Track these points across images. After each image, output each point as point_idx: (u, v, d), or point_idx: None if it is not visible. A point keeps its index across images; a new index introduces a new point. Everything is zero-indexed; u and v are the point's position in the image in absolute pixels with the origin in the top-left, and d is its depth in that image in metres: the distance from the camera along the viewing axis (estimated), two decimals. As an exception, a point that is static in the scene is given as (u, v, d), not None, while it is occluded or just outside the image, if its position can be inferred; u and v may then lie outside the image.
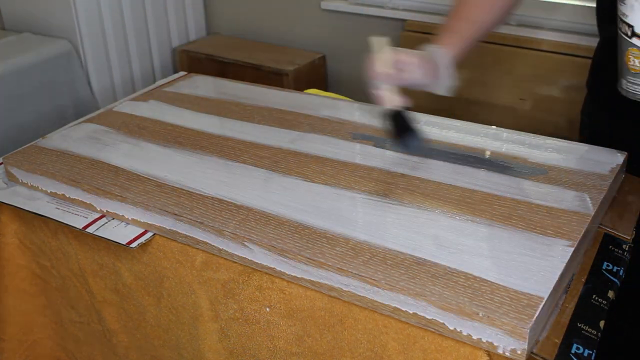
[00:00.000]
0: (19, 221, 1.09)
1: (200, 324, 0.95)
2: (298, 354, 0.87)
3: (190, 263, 0.93)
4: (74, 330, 1.14)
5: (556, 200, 0.88)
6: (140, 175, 1.01)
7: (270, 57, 2.71)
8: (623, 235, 0.90)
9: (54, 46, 2.39)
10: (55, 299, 1.13)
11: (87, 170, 1.04)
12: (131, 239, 0.95)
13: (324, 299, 0.82)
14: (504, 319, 0.69)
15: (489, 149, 1.02)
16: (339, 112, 1.18)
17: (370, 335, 0.80)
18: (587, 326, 0.76)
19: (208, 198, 0.94)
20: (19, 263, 1.11)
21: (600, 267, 0.85)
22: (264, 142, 1.09)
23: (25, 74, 2.28)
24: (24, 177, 1.08)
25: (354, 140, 1.07)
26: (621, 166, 0.97)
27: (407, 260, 0.78)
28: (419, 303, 0.74)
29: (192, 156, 1.06)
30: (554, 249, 0.79)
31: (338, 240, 0.83)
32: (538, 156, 0.99)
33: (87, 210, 1.02)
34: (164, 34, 2.82)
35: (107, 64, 2.59)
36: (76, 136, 1.16)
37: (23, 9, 2.55)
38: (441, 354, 0.75)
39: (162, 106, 1.26)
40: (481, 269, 0.76)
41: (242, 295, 0.89)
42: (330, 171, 0.99)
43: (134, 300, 1.01)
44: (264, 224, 0.87)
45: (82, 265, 1.05)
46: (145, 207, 0.95)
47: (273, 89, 1.31)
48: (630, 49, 0.75)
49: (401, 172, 0.97)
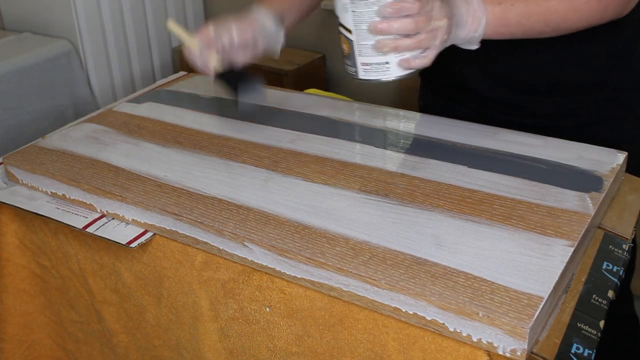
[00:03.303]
0: (19, 221, 1.09)
1: (200, 323, 0.95)
2: (298, 353, 0.87)
3: (190, 263, 0.93)
4: (73, 330, 1.14)
5: (556, 200, 0.88)
6: (140, 175, 1.01)
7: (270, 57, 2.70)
8: (623, 235, 0.90)
9: (54, 46, 2.39)
10: (55, 299, 1.13)
11: (87, 170, 1.04)
12: (131, 239, 0.95)
13: (324, 299, 0.82)
14: (503, 318, 0.69)
15: (489, 149, 1.02)
16: (339, 112, 1.18)
17: (370, 335, 0.80)
18: (587, 326, 0.76)
19: (208, 198, 0.94)
20: (19, 263, 1.11)
21: (600, 267, 0.85)
22: (264, 142, 1.09)
23: (25, 74, 2.27)
24: (24, 177, 1.08)
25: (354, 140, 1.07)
26: (621, 166, 0.97)
27: (407, 260, 0.78)
28: (419, 303, 0.74)
29: (192, 156, 1.06)
30: (554, 248, 0.79)
31: (338, 240, 0.83)
32: (538, 155, 0.99)
33: (87, 210, 1.02)
34: (164, 34, 2.82)
35: (107, 64, 2.59)
36: (76, 136, 1.16)
37: (23, 9, 2.54)
38: (441, 354, 0.75)
39: (162, 106, 1.26)
40: (481, 269, 0.76)
41: (242, 295, 0.89)
42: (330, 171, 0.99)
43: (134, 300, 1.01)
44: (264, 224, 0.87)
45: (82, 265, 1.05)
46: (145, 207, 0.95)
47: (273, 89, 1.31)
48: (339, 35, 0.91)
49: (401, 172, 0.97)
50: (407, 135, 1.08)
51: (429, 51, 0.89)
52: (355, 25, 0.88)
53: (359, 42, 0.89)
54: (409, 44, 0.87)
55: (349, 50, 0.91)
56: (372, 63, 0.90)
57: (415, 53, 0.89)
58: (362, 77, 0.92)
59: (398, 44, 0.87)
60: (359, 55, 0.90)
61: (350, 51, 0.91)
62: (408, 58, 0.89)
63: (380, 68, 0.90)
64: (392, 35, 0.87)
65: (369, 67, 0.91)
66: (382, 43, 0.87)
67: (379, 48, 0.88)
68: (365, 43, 0.89)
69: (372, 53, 0.89)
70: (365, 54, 0.90)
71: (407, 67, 0.89)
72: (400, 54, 0.88)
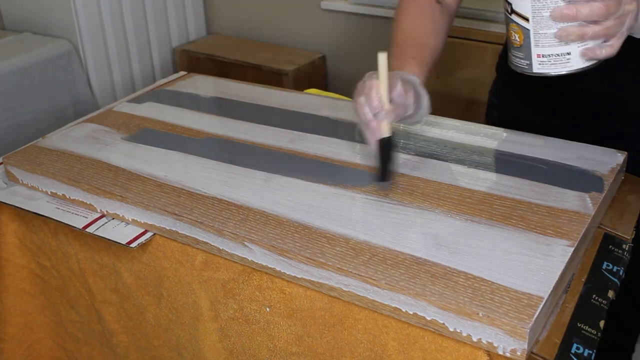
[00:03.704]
0: (19, 221, 1.09)
1: (200, 323, 0.95)
2: (298, 353, 0.87)
3: (190, 263, 0.93)
4: (73, 330, 1.14)
5: (556, 200, 0.88)
6: (140, 175, 1.01)
7: (270, 57, 2.71)
8: (623, 235, 0.90)
9: (54, 46, 2.40)
10: (55, 299, 1.13)
11: (87, 170, 1.04)
12: (131, 239, 0.95)
13: (324, 299, 0.82)
14: (503, 318, 0.69)
15: (489, 148, 1.02)
16: (339, 112, 1.18)
17: (370, 335, 0.80)
18: (587, 326, 0.76)
19: (208, 198, 0.94)
20: (19, 263, 1.11)
21: (600, 267, 0.85)
22: (264, 142, 1.09)
23: (25, 74, 2.28)
24: (24, 177, 1.08)
25: (354, 140, 1.07)
26: (621, 166, 0.97)
27: (407, 260, 0.78)
28: (419, 303, 0.74)
29: (192, 156, 1.06)
30: (554, 248, 0.79)
31: (338, 240, 0.83)
32: (538, 155, 0.99)
33: (87, 210, 1.02)
34: (164, 34, 2.82)
35: (107, 64, 2.59)
36: (76, 136, 1.16)
37: (23, 9, 2.55)
38: (441, 354, 0.75)
39: (162, 106, 1.26)
40: (481, 269, 0.76)
41: (242, 295, 0.89)
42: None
43: (134, 300, 1.01)
44: (264, 223, 0.87)
45: (82, 265, 1.05)
46: (145, 207, 0.95)
47: (273, 89, 1.31)
48: (510, 24, 0.84)
49: (401, 172, 0.97)
50: (407, 135, 1.08)
51: (614, 40, 0.80)
52: (534, 12, 0.80)
53: (537, 30, 0.81)
54: (596, 32, 0.78)
55: (522, 40, 0.83)
56: (551, 54, 0.82)
57: (599, 41, 0.80)
58: (536, 70, 0.83)
59: (585, 32, 0.78)
60: (536, 46, 0.82)
61: (525, 42, 0.82)
62: (593, 47, 0.80)
63: (560, 60, 0.82)
64: (577, 22, 0.78)
65: (546, 59, 0.82)
66: (567, 31, 0.78)
67: (563, 37, 0.79)
68: (545, 32, 0.80)
69: (553, 43, 0.80)
70: (543, 44, 0.81)
71: (591, 57, 0.81)
72: (584, 43, 0.80)
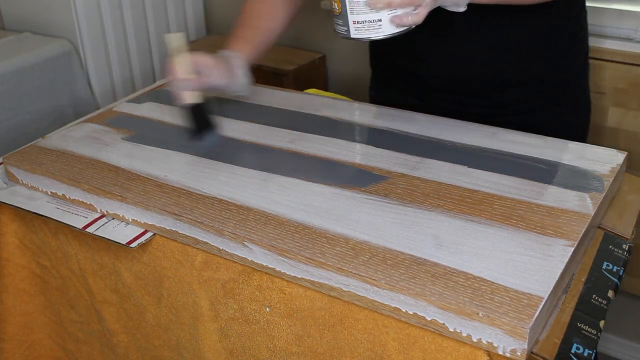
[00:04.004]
0: (19, 221, 1.09)
1: (200, 323, 0.95)
2: (298, 353, 0.87)
3: (190, 263, 0.93)
4: (73, 330, 1.14)
5: (556, 200, 0.88)
6: (140, 175, 1.01)
7: (270, 57, 2.69)
8: (623, 235, 0.90)
9: (54, 46, 2.39)
10: (55, 299, 1.13)
11: (87, 170, 1.04)
12: (131, 239, 0.95)
13: (324, 299, 0.82)
14: (503, 318, 0.69)
15: (489, 148, 1.02)
16: (339, 112, 1.18)
17: (370, 335, 0.80)
18: (587, 326, 0.76)
19: (208, 198, 0.94)
20: (19, 263, 1.11)
21: (600, 267, 0.85)
22: (264, 142, 1.09)
23: (25, 74, 2.27)
24: (24, 177, 1.08)
25: (354, 140, 1.07)
26: (621, 166, 0.97)
27: (407, 260, 0.78)
28: (419, 303, 0.74)
29: (192, 156, 1.06)
30: (554, 248, 0.79)
31: (338, 240, 0.83)
32: (538, 155, 0.99)
33: (87, 210, 1.02)
34: (164, 34, 2.82)
35: (107, 64, 2.59)
36: (76, 136, 1.16)
37: (23, 9, 2.54)
38: (441, 354, 0.75)
39: (162, 106, 1.26)
40: (481, 269, 0.76)
41: (242, 295, 0.89)
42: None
43: (134, 300, 1.01)
44: (264, 224, 0.87)
45: (82, 265, 1.05)
46: (145, 207, 0.95)
47: (273, 89, 1.31)
48: None
49: (401, 172, 0.97)
50: (407, 135, 1.08)
51: (420, 8, 0.90)
52: None
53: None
54: (402, 0, 0.88)
55: (340, 8, 0.91)
56: (365, 21, 0.90)
57: (407, 10, 0.90)
58: (353, 36, 0.92)
59: (391, 0, 0.88)
60: (351, 14, 0.90)
61: (342, 9, 0.91)
62: (401, 15, 0.90)
63: (373, 26, 0.90)
64: None
65: (360, 25, 0.91)
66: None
67: (372, 4, 0.88)
68: (358, 0, 0.89)
69: (365, 10, 0.89)
70: (357, 12, 0.90)
71: (399, 24, 0.90)
72: (392, 10, 0.89)
